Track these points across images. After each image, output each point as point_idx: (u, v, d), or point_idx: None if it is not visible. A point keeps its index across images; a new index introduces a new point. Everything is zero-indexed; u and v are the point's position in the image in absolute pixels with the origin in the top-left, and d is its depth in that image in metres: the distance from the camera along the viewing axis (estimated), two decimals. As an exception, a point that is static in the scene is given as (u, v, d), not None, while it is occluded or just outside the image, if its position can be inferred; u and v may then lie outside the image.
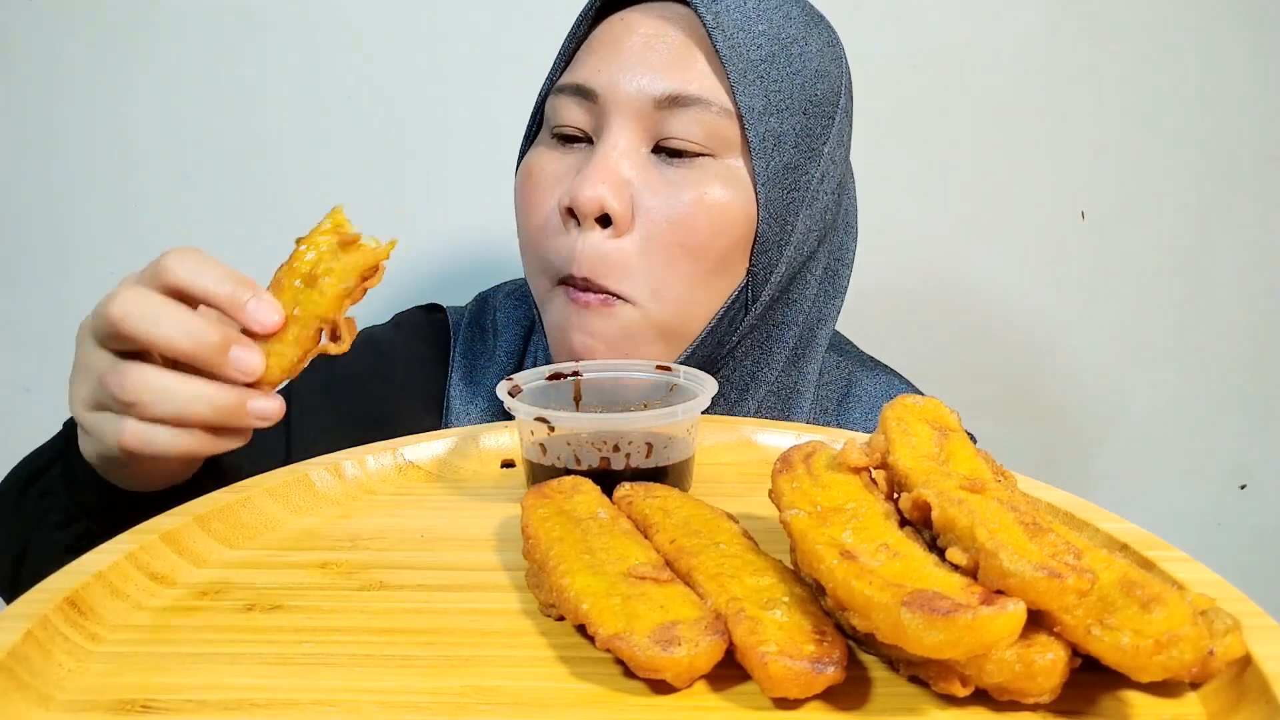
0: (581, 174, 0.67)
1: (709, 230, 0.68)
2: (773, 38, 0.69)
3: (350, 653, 0.40)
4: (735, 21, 0.68)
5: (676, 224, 0.67)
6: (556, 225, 0.70)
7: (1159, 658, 0.33)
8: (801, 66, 0.70)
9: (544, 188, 0.71)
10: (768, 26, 0.69)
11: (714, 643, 0.35)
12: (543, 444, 0.55)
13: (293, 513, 0.55)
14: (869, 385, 0.84)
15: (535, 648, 0.40)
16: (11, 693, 0.36)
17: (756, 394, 0.77)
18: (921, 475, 0.40)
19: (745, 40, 0.68)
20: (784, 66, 0.69)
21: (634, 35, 0.69)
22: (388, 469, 0.60)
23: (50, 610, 0.40)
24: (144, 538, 0.47)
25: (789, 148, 0.69)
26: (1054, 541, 0.35)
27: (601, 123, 0.69)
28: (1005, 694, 0.35)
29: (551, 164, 0.71)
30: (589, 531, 0.44)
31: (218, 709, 0.36)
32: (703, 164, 0.68)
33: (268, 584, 0.46)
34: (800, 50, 0.70)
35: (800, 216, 0.71)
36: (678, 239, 0.67)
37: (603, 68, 0.69)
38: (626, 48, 0.69)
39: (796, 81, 0.69)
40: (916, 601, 0.32)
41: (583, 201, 0.66)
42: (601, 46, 0.70)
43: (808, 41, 0.71)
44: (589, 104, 0.69)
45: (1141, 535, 0.46)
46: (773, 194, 0.69)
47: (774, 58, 0.68)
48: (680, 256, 0.68)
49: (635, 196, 0.67)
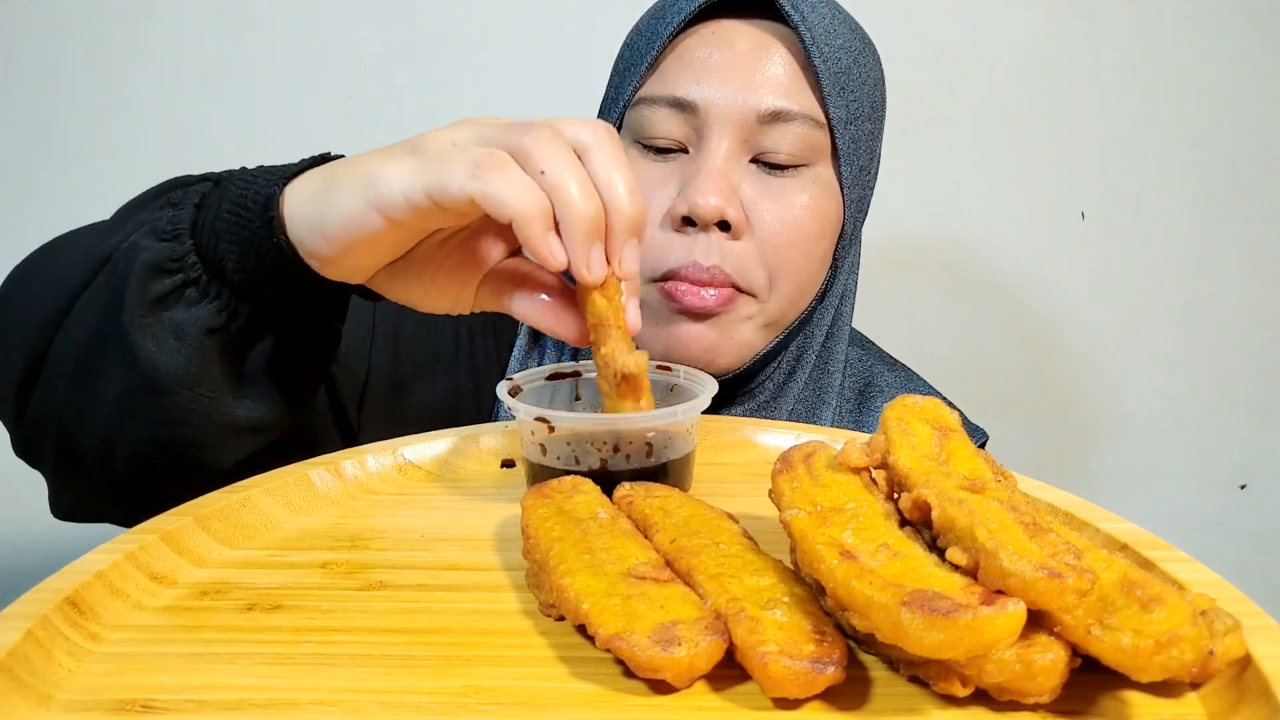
0: (695, 183, 0.70)
1: (816, 232, 0.73)
2: (848, 51, 0.73)
3: (350, 653, 0.40)
4: (823, 35, 0.71)
5: (790, 226, 0.72)
6: (668, 230, 0.72)
7: (1159, 658, 0.33)
8: (867, 76, 0.74)
9: (647, 196, 0.72)
10: (844, 41, 0.73)
11: (714, 643, 0.35)
12: (543, 444, 0.55)
13: (293, 513, 0.55)
14: (889, 379, 0.89)
15: (535, 648, 0.40)
16: (11, 693, 0.36)
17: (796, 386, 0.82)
18: (922, 475, 0.40)
19: (832, 54, 0.71)
20: (858, 77, 0.73)
21: (732, 49, 0.72)
22: (388, 469, 0.60)
23: (50, 610, 0.40)
24: (144, 538, 0.47)
25: (864, 152, 0.75)
26: (1054, 541, 0.35)
27: (702, 134, 0.72)
28: (1005, 694, 0.35)
29: (646, 170, 0.73)
30: (589, 531, 0.44)
31: (218, 709, 0.36)
32: (800, 173, 0.73)
33: (268, 584, 0.46)
34: (866, 61, 0.75)
35: (862, 215, 0.78)
36: (790, 239, 0.72)
37: (702, 80, 0.71)
38: (727, 61, 0.71)
39: (865, 90, 0.74)
40: (916, 601, 0.32)
41: (702, 208, 0.69)
42: (696, 59, 0.72)
43: (867, 54, 0.75)
44: (686, 115, 0.72)
45: (1141, 535, 0.46)
46: (853, 195, 0.75)
47: (850, 70, 0.73)
48: (794, 256, 0.73)
49: (746, 203, 0.71)
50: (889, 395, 0.86)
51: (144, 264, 0.52)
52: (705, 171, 0.70)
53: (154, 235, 0.53)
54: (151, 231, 0.53)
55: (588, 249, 0.47)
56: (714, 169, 0.70)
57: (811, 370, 0.83)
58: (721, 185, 0.70)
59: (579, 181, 0.46)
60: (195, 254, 0.53)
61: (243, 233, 0.52)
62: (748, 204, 0.71)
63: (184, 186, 0.56)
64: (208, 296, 0.53)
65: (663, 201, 0.72)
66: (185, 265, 0.53)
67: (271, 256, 0.52)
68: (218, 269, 0.53)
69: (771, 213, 0.72)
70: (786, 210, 0.72)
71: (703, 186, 0.69)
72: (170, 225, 0.53)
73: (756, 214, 0.71)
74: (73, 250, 0.57)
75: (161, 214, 0.54)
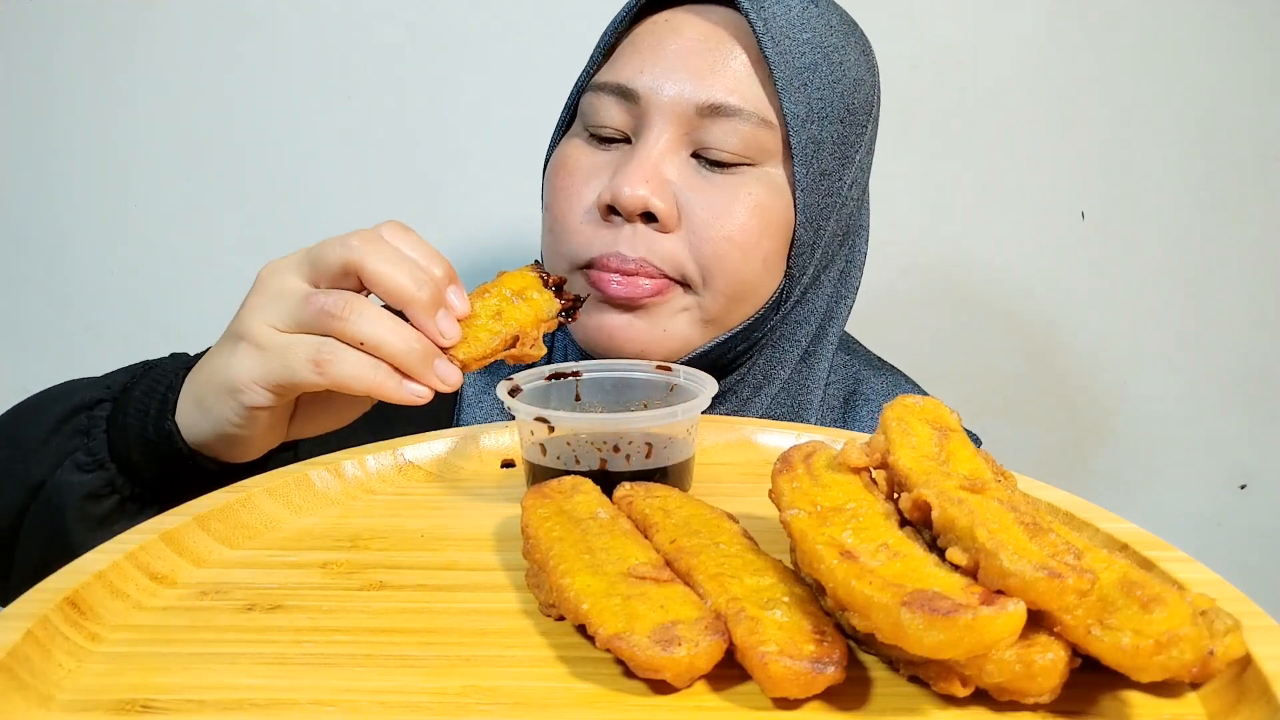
0: (623, 172, 0.68)
1: (756, 231, 0.69)
2: (816, 46, 0.69)
3: (350, 653, 0.40)
4: (782, 28, 0.68)
5: (723, 221, 0.68)
6: (594, 219, 0.70)
7: (1159, 658, 0.33)
8: (842, 75, 0.71)
9: (579, 181, 0.71)
10: (812, 35, 0.69)
11: (714, 643, 0.35)
12: (543, 444, 0.55)
13: (293, 513, 0.55)
14: (876, 384, 0.85)
15: (535, 648, 0.40)
16: (11, 693, 0.36)
17: (770, 391, 0.78)
18: (922, 475, 0.40)
19: (792, 47, 0.68)
20: (826, 75, 0.70)
21: (680, 38, 0.69)
22: (388, 469, 0.60)
23: (50, 610, 0.40)
24: (144, 537, 0.47)
25: (827, 155, 0.71)
26: (1054, 542, 0.35)
27: (641, 124, 0.69)
28: (1005, 694, 0.35)
29: (588, 158, 0.72)
30: (589, 531, 0.44)
31: (218, 709, 0.36)
32: (742, 171, 0.69)
33: (268, 584, 0.46)
34: (841, 59, 0.71)
35: (831, 221, 0.73)
36: (725, 235, 0.68)
37: (646, 69, 0.69)
38: (671, 50, 0.69)
39: (837, 90, 0.70)
40: (916, 601, 0.32)
41: (625, 199, 0.67)
42: (645, 47, 0.70)
43: (847, 50, 0.71)
44: (629, 104, 0.70)
45: (1141, 535, 0.46)
46: (810, 199, 0.70)
47: (817, 66, 0.69)
48: (729, 252, 0.69)
49: (679, 196, 0.68)
50: (875, 403, 0.83)
51: (80, 496, 0.59)
52: (635, 161, 0.68)
53: (78, 469, 0.60)
54: (75, 466, 0.60)
55: (432, 371, 0.53)
56: (645, 159, 0.68)
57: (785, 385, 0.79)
58: (649, 176, 0.67)
59: (391, 330, 0.52)
60: (121, 474, 0.60)
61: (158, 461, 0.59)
62: (681, 197, 0.68)
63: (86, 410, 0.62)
64: (146, 505, 0.61)
65: (595, 189, 0.70)
66: (117, 486, 0.60)
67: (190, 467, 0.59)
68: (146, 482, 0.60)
69: (705, 207, 0.68)
70: (722, 206, 0.68)
71: (630, 176, 0.67)
72: (89, 456, 0.60)
73: (688, 208, 0.68)
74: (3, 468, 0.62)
75: (75, 442, 0.61)
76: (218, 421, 0.57)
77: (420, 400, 0.53)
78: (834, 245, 0.76)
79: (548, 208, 0.75)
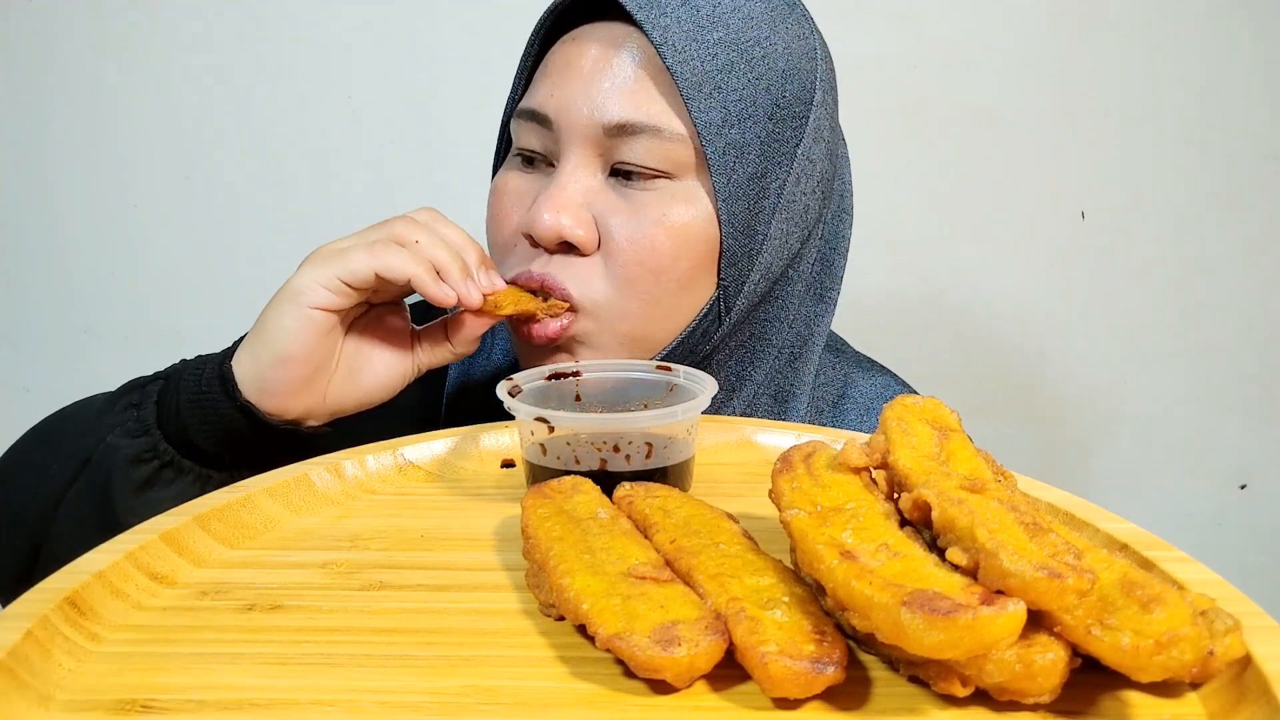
0: (538, 201, 0.67)
1: (670, 251, 0.67)
2: (730, 45, 0.66)
3: (350, 653, 0.40)
4: (686, 33, 0.65)
5: (639, 246, 0.66)
6: (523, 245, 0.70)
7: (1159, 658, 0.33)
8: (765, 70, 0.67)
9: (508, 207, 0.71)
10: (724, 33, 0.66)
11: (714, 643, 0.35)
12: (543, 444, 0.55)
13: (293, 513, 0.55)
14: (865, 386, 0.83)
15: (535, 648, 0.40)
16: (11, 693, 0.36)
17: (744, 395, 0.76)
18: (922, 475, 0.40)
19: (699, 53, 0.65)
20: (744, 73, 0.66)
21: (584, 57, 0.67)
22: (388, 469, 0.60)
23: (50, 610, 0.40)
24: (144, 537, 0.47)
25: (754, 157, 0.67)
26: (1054, 541, 0.35)
27: (558, 149, 0.68)
28: (1005, 694, 0.35)
29: (516, 182, 0.71)
30: (589, 531, 0.44)
31: (218, 709, 0.36)
32: (660, 185, 0.67)
33: (268, 584, 0.46)
34: (763, 53, 0.67)
35: (774, 223, 0.70)
36: (639, 259, 0.67)
37: (555, 93, 0.68)
38: (576, 72, 0.67)
39: (760, 87, 0.67)
40: (916, 601, 0.32)
41: (540, 229, 0.66)
42: (554, 70, 0.69)
43: (772, 41, 0.68)
44: (545, 129, 0.68)
45: (1141, 535, 0.46)
46: (736, 207, 0.67)
47: (732, 65, 0.66)
48: (641, 276, 0.67)
49: (599, 218, 0.67)
50: (864, 405, 0.81)
51: (124, 458, 0.64)
52: (549, 189, 0.67)
53: (127, 434, 0.65)
54: (124, 432, 0.65)
55: (465, 284, 0.63)
56: (560, 185, 0.67)
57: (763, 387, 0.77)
58: (564, 204, 0.66)
59: (441, 243, 0.63)
60: (165, 441, 0.64)
61: (208, 412, 0.64)
62: (600, 220, 0.67)
63: (139, 389, 0.67)
64: (181, 473, 0.65)
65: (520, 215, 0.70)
66: (159, 452, 0.64)
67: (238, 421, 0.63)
68: (188, 450, 0.65)
69: (623, 229, 0.67)
70: (638, 227, 0.66)
71: (542, 203, 0.66)
72: (138, 424, 0.65)
73: (607, 230, 0.67)
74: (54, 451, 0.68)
75: (127, 415, 0.66)
76: (273, 339, 0.62)
77: (448, 301, 0.62)
78: (790, 245, 0.72)
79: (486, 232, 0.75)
